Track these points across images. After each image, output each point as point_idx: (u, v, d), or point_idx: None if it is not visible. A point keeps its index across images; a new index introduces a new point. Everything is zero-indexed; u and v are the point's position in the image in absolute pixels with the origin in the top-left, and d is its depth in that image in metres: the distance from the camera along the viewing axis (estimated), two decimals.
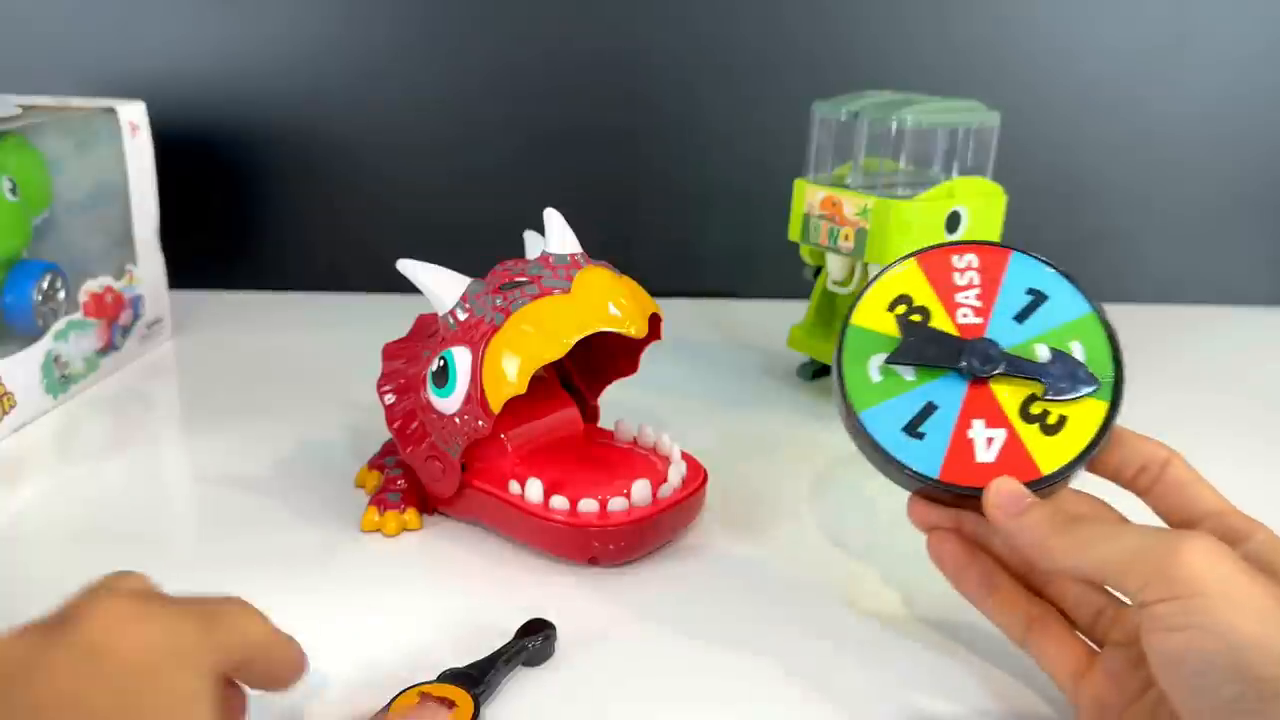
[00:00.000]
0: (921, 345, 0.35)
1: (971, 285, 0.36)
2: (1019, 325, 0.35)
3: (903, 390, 0.35)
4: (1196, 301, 0.84)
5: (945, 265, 0.37)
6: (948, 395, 0.34)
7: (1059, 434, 0.33)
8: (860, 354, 0.36)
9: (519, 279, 0.42)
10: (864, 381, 0.35)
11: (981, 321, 0.35)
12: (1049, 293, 0.36)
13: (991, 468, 0.33)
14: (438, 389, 0.42)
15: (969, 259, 0.37)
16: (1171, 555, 0.27)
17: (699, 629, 0.39)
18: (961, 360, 0.34)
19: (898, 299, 0.36)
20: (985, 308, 0.36)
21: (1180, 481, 0.32)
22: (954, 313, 0.36)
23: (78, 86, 0.74)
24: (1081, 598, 0.34)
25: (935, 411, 0.34)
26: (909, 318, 0.36)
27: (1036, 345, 0.35)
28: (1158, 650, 0.27)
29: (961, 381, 0.35)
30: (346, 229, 0.82)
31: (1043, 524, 0.30)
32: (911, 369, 0.35)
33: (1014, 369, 0.34)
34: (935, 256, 0.37)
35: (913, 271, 0.37)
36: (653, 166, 0.81)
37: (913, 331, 0.35)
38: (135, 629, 0.24)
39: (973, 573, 0.35)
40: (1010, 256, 0.37)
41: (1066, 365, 0.34)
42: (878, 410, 0.35)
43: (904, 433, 0.34)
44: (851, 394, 0.35)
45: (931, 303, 0.36)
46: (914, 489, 0.35)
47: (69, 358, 0.58)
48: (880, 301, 0.37)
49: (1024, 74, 0.79)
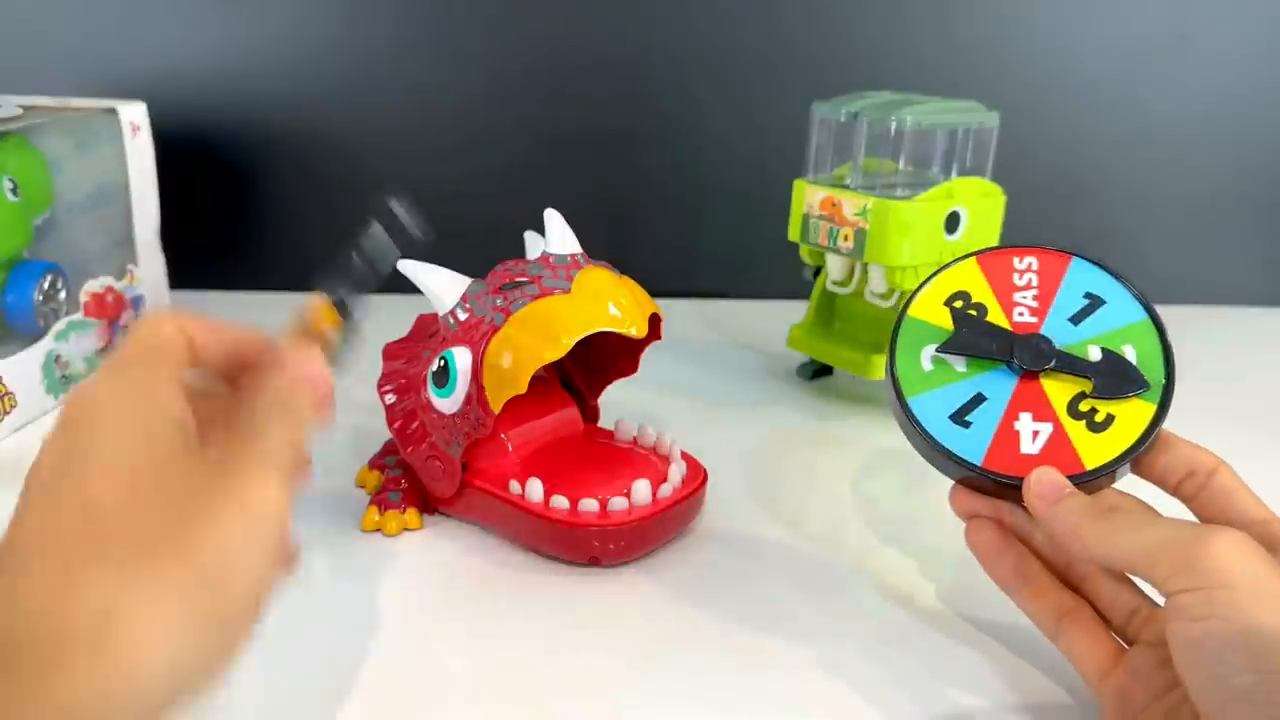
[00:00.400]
0: (974, 337, 0.36)
1: (1030, 286, 0.37)
2: (1074, 327, 0.36)
3: (953, 380, 0.35)
4: (1196, 301, 0.84)
5: (1005, 265, 0.38)
6: (997, 387, 0.35)
7: (1105, 432, 0.33)
8: (914, 344, 0.36)
9: (519, 279, 0.42)
10: (915, 370, 0.36)
11: (1037, 321, 0.36)
12: (1106, 297, 0.36)
13: (1035, 459, 0.33)
14: (438, 389, 0.42)
15: (1029, 261, 0.38)
16: (1200, 547, 0.27)
17: (700, 628, 0.39)
18: (1013, 354, 0.35)
19: (955, 294, 0.37)
20: (1042, 308, 0.36)
21: (1226, 490, 0.32)
22: (1010, 311, 0.36)
23: (78, 87, 0.74)
24: (1116, 597, 0.34)
25: (984, 402, 0.35)
26: (965, 311, 0.36)
27: (1090, 346, 0.35)
28: (1179, 637, 0.28)
29: (1012, 375, 0.35)
30: (347, 229, 0.82)
31: (1078, 512, 0.31)
32: (963, 360, 0.36)
33: (1065, 365, 0.35)
34: (996, 257, 0.38)
35: (971, 269, 0.38)
36: (653, 167, 0.81)
37: (967, 324, 0.36)
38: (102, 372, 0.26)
39: (1008, 561, 0.35)
40: (1071, 261, 0.37)
41: (1117, 366, 0.34)
42: (926, 398, 0.35)
43: (951, 420, 0.34)
44: (902, 380, 0.35)
45: (989, 300, 0.37)
46: (957, 476, 0.35)
47: (70, 358, 0.59)
48: (938, 296, 0.37)
49: (1024, 74, 0.79)
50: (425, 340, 0.45)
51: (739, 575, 0.43)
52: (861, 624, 0.39)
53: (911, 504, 0.49)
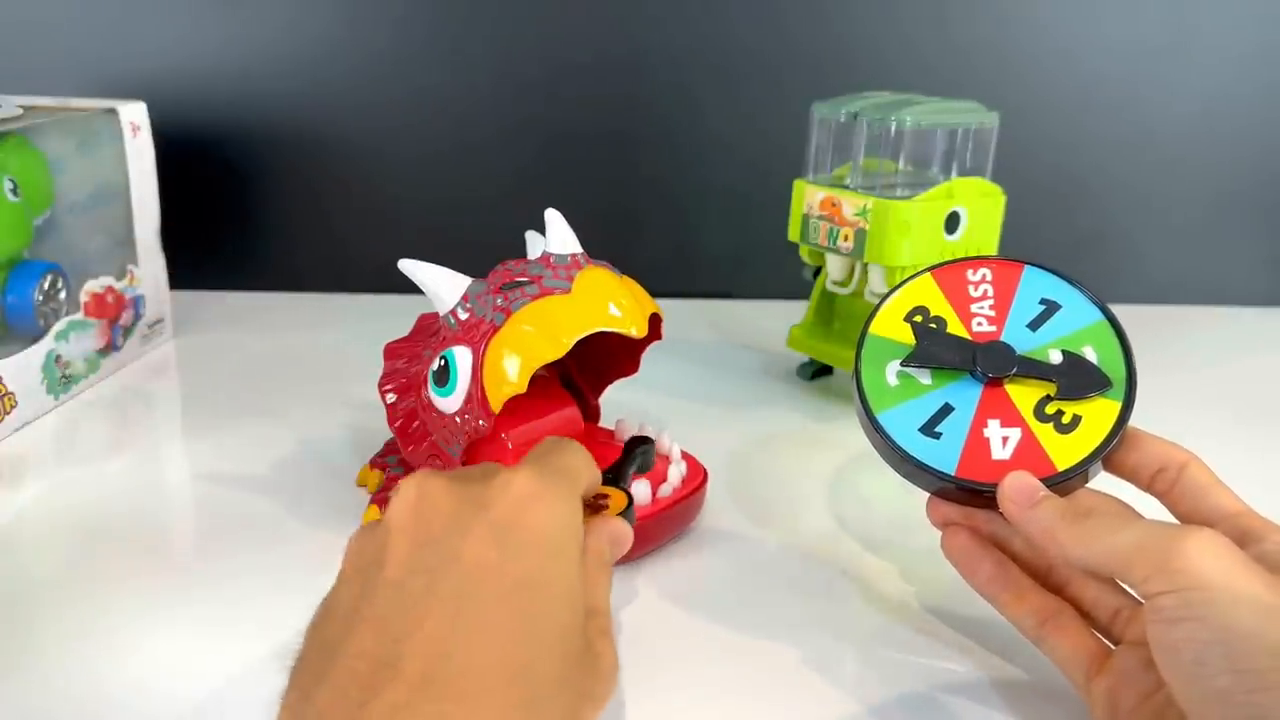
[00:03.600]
0: (937, 349, 0.36)
1: (986, 296, 0.37)
2: (1033, 333, 0.36)
3: (919, 393, 0.36)
4: (1195, 302, 0.84)
5: (960, 278, 0.38)
6: (963, 397, 0.35)
7: (1073, 432, 0.34)
8: (878, 361, 0.37)
9: (520, 279, 0.42)
10: (881, 385, 0.36)
11: (996, 329, 0.37)
12: (1061, 302, 0.37)
13: (1007, 464, 0.33)
14: (438, 388, 0.42)
15: (983, 272, 0.38)
16: (1175, 548, 0.27)
17: (699, 627, 0.39)
18: (976, 362, 0.35)
19: (914, 309, 0.38)
20: (1000, 317, 0.37)
21: (1198, 484, 0.33)
22: (969, 322, 0.37)
23: (79, 87, 0.74)
24: (1099, 597, 0.34)
25: (951, 413, 0.35)
26: (926, 325, 0.37)
27: (1050, 350, 0.35)
28: (1158, 639, 0.28)
29: (976, 384, 0.35)
30: (346, 229, 0.82)
31: (1053, 515, 0.31)
32: (927, 373, 0.36)
33: (1027, 370, 0.35)
34: (950, 270, 0.38)
35: (928, 284, 0.38)
36: (652, 168, 0.81)
37: (928, 336, 0.36)
38: (539, 505, 0.29)
39: (985, 567, 0.35)
40: (1024, 270, 0.38)
41: (1079, 367, 0.35)
42: (895, 412, 0.35)
43: (921, 433, 0.35)
44: (869, 396, 0.36)
45: (947, 312, 0.37)
46: (932, 488, 0.35)
47: (70, 358, 0.59)
48: (897, 312, 0.38)
49: (1024, 74, 0.79)
50: (426, 339, 0.45)
51: (738, 575, 0.43)
52: (860, 624, 0.39)
53: (910, 504, 0.49)
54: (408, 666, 0.24)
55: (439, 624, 0.25)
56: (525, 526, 0.28)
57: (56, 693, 0.34)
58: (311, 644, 0.27)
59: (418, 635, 0.25)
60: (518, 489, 0.29)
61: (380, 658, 0.25)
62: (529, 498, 0.29)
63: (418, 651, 0.25)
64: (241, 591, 0.40)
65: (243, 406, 0.59)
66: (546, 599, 0.27)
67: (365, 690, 0.24)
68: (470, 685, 0.25)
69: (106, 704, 0.33)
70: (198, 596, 0.40)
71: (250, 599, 0.39)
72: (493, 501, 0.28)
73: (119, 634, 0.37)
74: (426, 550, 0.27)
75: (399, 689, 0.24)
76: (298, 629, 0.30)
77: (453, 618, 0.26)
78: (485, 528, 0.28)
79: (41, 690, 0.34)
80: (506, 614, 0.26)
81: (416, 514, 0.28)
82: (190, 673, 0.35)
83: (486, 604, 0.26)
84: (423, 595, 0.26)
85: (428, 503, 0.29)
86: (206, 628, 0.38)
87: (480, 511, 0.28)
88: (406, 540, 0.28)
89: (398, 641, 0.25)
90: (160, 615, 0.38)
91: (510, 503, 0.28)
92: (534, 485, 0.29)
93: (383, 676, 0.24)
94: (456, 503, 0.29)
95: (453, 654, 0.25)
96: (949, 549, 0.36)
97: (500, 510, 0.28)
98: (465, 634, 0.25)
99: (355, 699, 0.24)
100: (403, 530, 0.28)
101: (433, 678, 0.24)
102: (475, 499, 0.29)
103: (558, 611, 0.27)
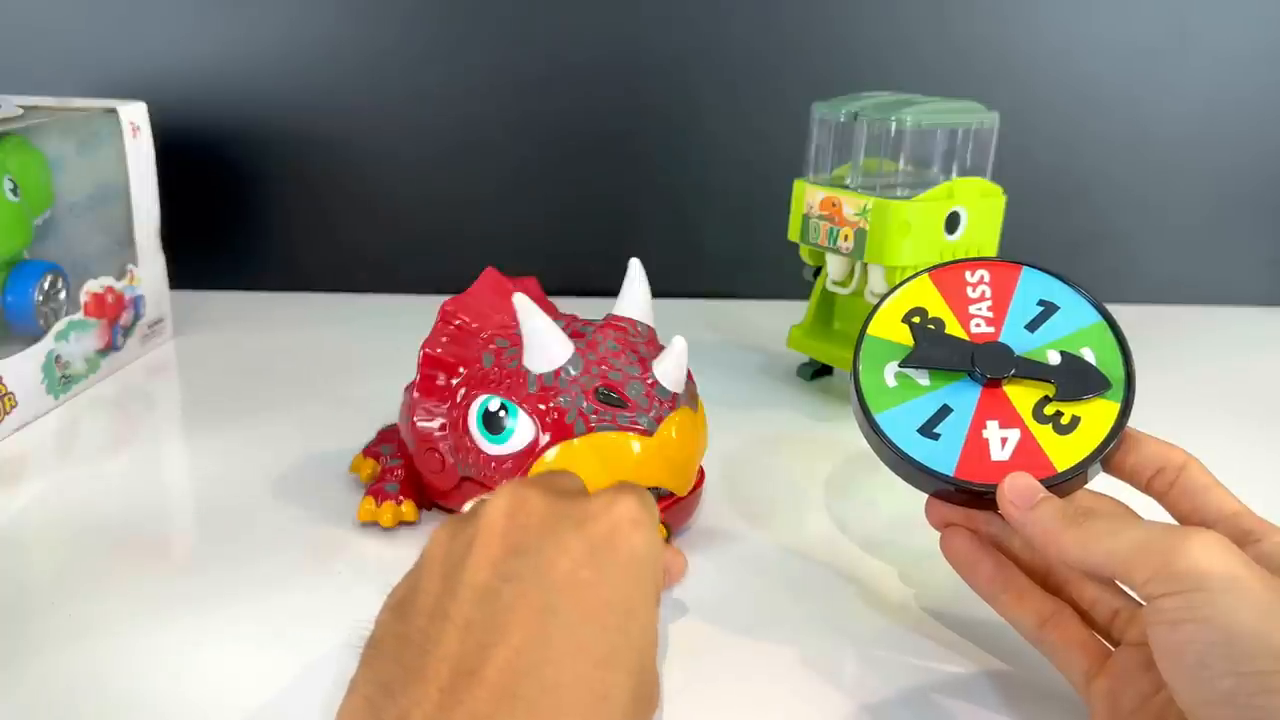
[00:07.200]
0: (935, 350, 0.36)
1: (984, 298, 0.37)
2: (1031, 334, 0.36)
3: (917, 394, 0.36)
4: (1194, 302, 0.84)
5: (958, 280, 0.38)
6: (962, 398, 0.35)
7: (1072, 433, 0.34)
8: (876, 362, 0.37)
9: (616, 389, 0.41)
10: (880, 386, 0.36)
11: (994, 330, 0.37)
12: (1059, 303, 0.37)
13: (1006, 466, 0.33)
14: (486, 432, 0.41)
15: (981, 274, 0.38)
16: (1176, 549, 0.27)
17: (698, 626, 0.39)
18: (974, 363, 0.35)
19: (912, 310, 0.38)
20: (998, 318, 0.37)
21: (1197, 485, 0.33)
22: (967, 323, 0.37)
23: (79, 87, 0.74)
24: (1099, 598, 0.34)
25: (950, 414, 0.35)
26: (924, 326, 0.37)
27: (1048, 351, 0.35)
28: (1160, 642, 0.27)
29: (975, 385, 0.35)
30: (347, 229, 0.82)
31: (1053, 517, 0.31)
32: (926, 374, 0.36)
33: (1026, 371, 0.35)
34: (948, 272, 0.38)
35: (925, 286, 0.38)
36: (653, 168, 0.81)
37: (926, 337, 0.36)
38: (637, 532, 0.28)
39: (984, 568, 0.35)
40: (1021, 271, 0.38)
41: (1077, 367, 0.35)
42: (893, 413, 0.35)
43: (919, 434, 0.35)
44: (868, 398, 0.36)
45: (945, 314, 0.37)
46: (931, 489, 0.35)
47: (70, 358, 0.59)
48: (895, 313, 0.38)
49: (1023, 74, 0.79)
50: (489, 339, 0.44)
51: (737, 575, 0.43)
52: (860, 625, 0.39)
53: (910, 505, 0.49)
54: (492, 676, 0.24)
55: (527, 637, 0.25)
56: (621, 549, 0.28)
57: (56, 693, 0.34)
58: (389, 632, 0.27)
59: (504, 646, 0.25)
60: (621, 512, 0.28)
61: (464, 663, 0.25)
62: (630, 523, 0.28)
63: (503, 663, 0.24)
64: (241, 591, 0.40)
65: (243, 406, 0.59)
66: (632, 626, 0.27)
67: (447, 694, 0.24)
68: (552, 704, 0.24)
69: (106, 704, 0.33)
70: (197, 596, 0.40)
71: (250, 599, 0.39)
72: (592, 519, 0.28)
73: (119, 634, 0.37)
74: (518, 559, 0.27)
75: (481, 698, 0.24)
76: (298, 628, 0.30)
77: (541, 633, 0.25)
78: (583, 545, 0.27)
79: (41, 690, 0.34)
80: (594, 636, 0.26)
81: (510, 519, 0.28)
82: (190, 672, 0.35)
83: (575, 623, 0.26)
84: (512, 605, 0.26)
85: (524, 510, 0.28)
86: (206, 627, 0.38)
87: (578, 528, 0.28)
88: (498, 544, 0.27)
89: (483, 649, 0.25)
90: (160, 615, 0.38)
91: (610, 523, 0.28)
92: (637, 511, 0.29)
93: (466, 683, 0.24)
94: (553, 516, 0.28)
95: (538, 670, 0.25)
96: (948, 550, 0.36)
97: (598, 529, 0.28)
98: (552, 651, 0.25)
99: (436, 701, 0.24)
100: (495, 533, 0.28)
101: (516, 692, 0.24)
102: (573, 514, 0.28)
103: (639, 639, 0.27)
